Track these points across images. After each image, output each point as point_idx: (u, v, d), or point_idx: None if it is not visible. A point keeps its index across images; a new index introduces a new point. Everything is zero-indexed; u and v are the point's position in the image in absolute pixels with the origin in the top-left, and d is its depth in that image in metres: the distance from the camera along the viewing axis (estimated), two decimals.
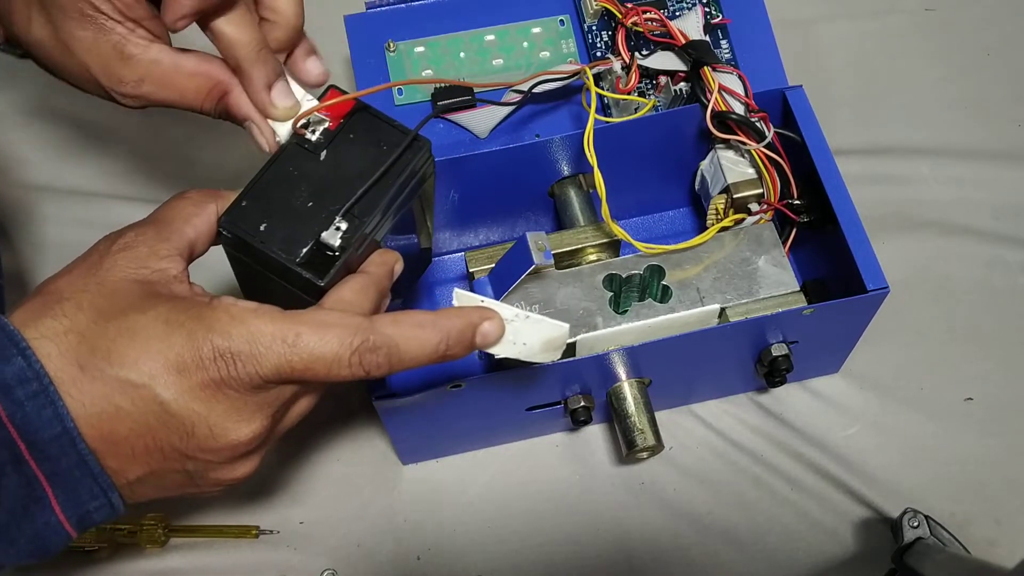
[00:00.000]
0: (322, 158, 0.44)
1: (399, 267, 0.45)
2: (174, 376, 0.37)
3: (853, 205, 0.57)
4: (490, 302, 0.44)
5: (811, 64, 0.77)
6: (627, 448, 0.58)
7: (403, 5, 0.61)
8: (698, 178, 0.63)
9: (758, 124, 0.58)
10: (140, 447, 0.38)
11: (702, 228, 0.61)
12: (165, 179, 0.73)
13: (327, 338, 0.38)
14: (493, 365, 0.55)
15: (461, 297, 0.45)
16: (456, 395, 0.54)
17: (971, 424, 0.65)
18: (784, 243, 0.60)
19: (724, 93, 0.58)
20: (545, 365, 0.49)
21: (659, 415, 0.61)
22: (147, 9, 0.44)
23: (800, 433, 0.65)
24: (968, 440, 0.64)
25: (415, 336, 0.40)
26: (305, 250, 0.41)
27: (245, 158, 0.72)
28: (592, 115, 0.55)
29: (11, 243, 0.70)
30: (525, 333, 0.44)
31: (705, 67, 0.58)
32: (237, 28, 0.44)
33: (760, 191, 0.59)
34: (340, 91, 0.45)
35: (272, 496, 0.63)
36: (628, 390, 0.58)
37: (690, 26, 0.60)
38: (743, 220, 0.60)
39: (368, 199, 0.43)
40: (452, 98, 0.59)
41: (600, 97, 0.58)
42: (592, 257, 0.60)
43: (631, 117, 0.59)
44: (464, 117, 0.60)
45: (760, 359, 0.59)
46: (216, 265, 0.45)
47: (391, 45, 0.61)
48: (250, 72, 0.44)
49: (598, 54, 0.62)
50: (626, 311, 0.57)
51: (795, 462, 0.64)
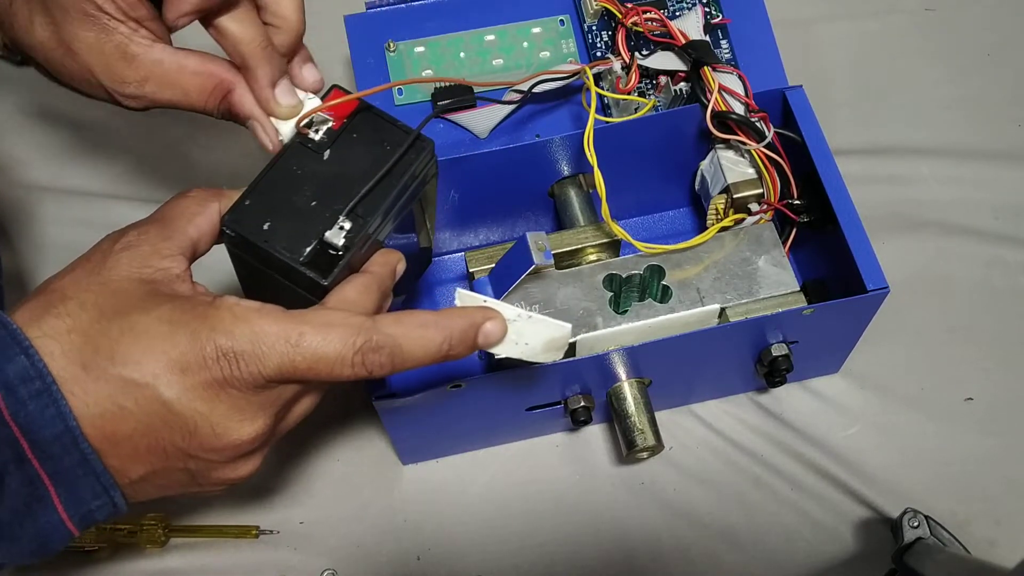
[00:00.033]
0: (326, 157, 0.43)
1: (401, 267, 0.45)
2: (177, 375, 0.37)
3: (853, 205, 0.57)
4: (492, 302, 0.44)
5: (811, 64, 0.77)
6: (627, 448, 0.58)
7: (403, 5, 0.61)
8: (698, 178, 0.63)
9: (758, 124, 0.58)
10: (142, 446, 0.38)
11: (702, 228, 0.61)
12: (165, 179, 0.73)
13: (330, 338, 0.38)
14: (493, 365, 0.55)
15: (464, 297, 0.45)
16: (456, 395, 0.54)
17: (971, 424, 0.65)
18: (784, 243, 0.60)
19: (724, 93, 0.58)
20: (545, 365, 0.49)
21: (659, 415, 0.61)
22: (149, 9, 0.44)
23: (800, 433, 0.65)
24: (968, 440, 0.64)
25: (418, 336, 0.40)
26: (309, 249, 0.41)
27: (245, 158, 0.72)
28: (592, 115, 0.55)
29: (11, 243, 0.70)
30: (527, 333, 0.44)
31: (705, 67, 0.58)
32: (241, 25, 0.44)
33: (760, 191, 0.59)
34: (344, 91, 0.45)
35: (272, 496, 0.63)
36: (628, 390, 0.58)
37: (690, 26, 0.60)
38: (743, 220, 0.60)
39: (372, 198, 0.43)
40: (452, 98, 0.59)
41: (600, 97, 0.58)
42: (592, 257, 0.60)
43: (631, 117, 0.59)
44: (464, 117, 0.60)
45: (760, 359, 0.59)
46: (216, 265, 0.45)
47: (391, 45, 0.61)
48: (255, 68, 0.44)
49: (598, 54, 0.62)
50: (626, 311, 0.57)
51: (795, 462, 0.64)
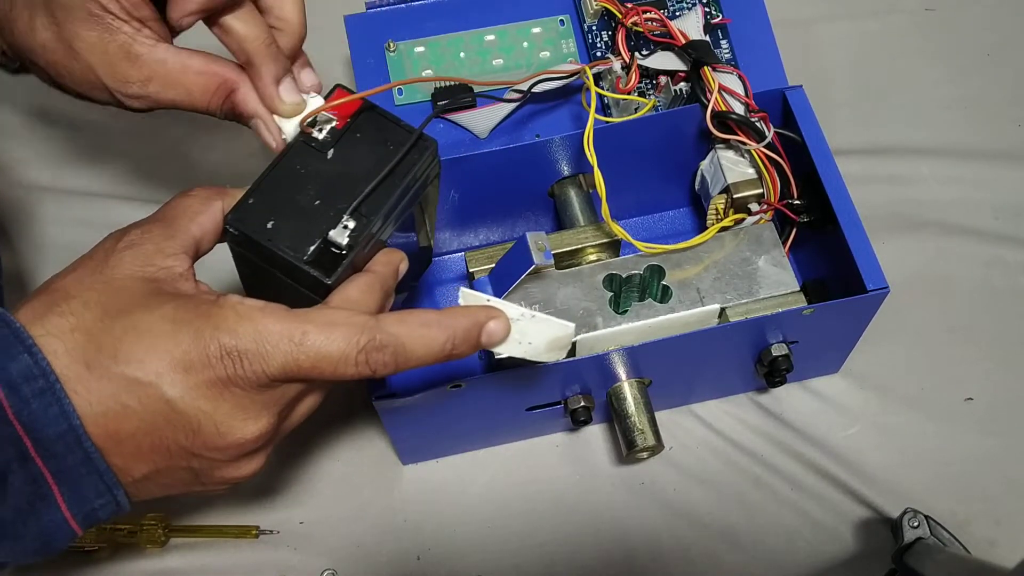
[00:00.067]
0: (329, 156, 0.43)
1: (404, 266, 0.45)
2: (180, 374, 0.37)
3: (853, 205, 0.57)
4: (496, 301, 0.44)
5: (811, 64, 0.77)
6: (627, 448, 0.58)
7: (403, 5, 0.61)
8: (698, 178, 0.63)
9: (758, 124, 0.58)
10: (146, 445, 0.38)
11: (702, 228, 0.61)
12: (165, 179, 0.73)
13: (334, 337, 0.38)
14: (493, 365, 0.55)
15: (467, 296, 0.45)
16: (456, 395, 0.54)
17: (971, 424, 0.65)
18: (784, 243, 0.60)
19: (724, 93, 0.58)
20: (545, 365, 0.49)
21: (659, 415, 0.61)
22: (152, 10, 0.44)
23: (800, 433, 0.65)
24: (968, 440, 0.64)
25: (421, 335, 0.40)
26: (312, 248, 0.41)
27: (245, 158, 0.72)
28: (592, 115, 0.55)
29: (11, 243, 0.70)
30: (531, 332, 0.44)
31: (705, 67, 0.58)
32: (246, 24, 0.44)
33: (760, 191, 0.59)
34: (347, 90, 0.45)
35: (272, 496, 0.63)
36: (628, 390, 0.58)
37: (690, 26, 0.60)
38: (743, 220, 0.60)
39: (375, 198, 0.43)
40: (452, 98, 0.59)
41: (600, 97, 0.58)
42: (592, 257, 0.60)
43: (631, 117, 0.59)
44: (464, 117, 0.60)
45: (760, 359, 0.59)
46: (217, 265, 0.45)
47: (391, 45, 0.61)
48: (260, 66, 0.45)
49: (598, 54, 0.62)
50: (626, 311, 0.57)
51: (795, 462, 0.64)
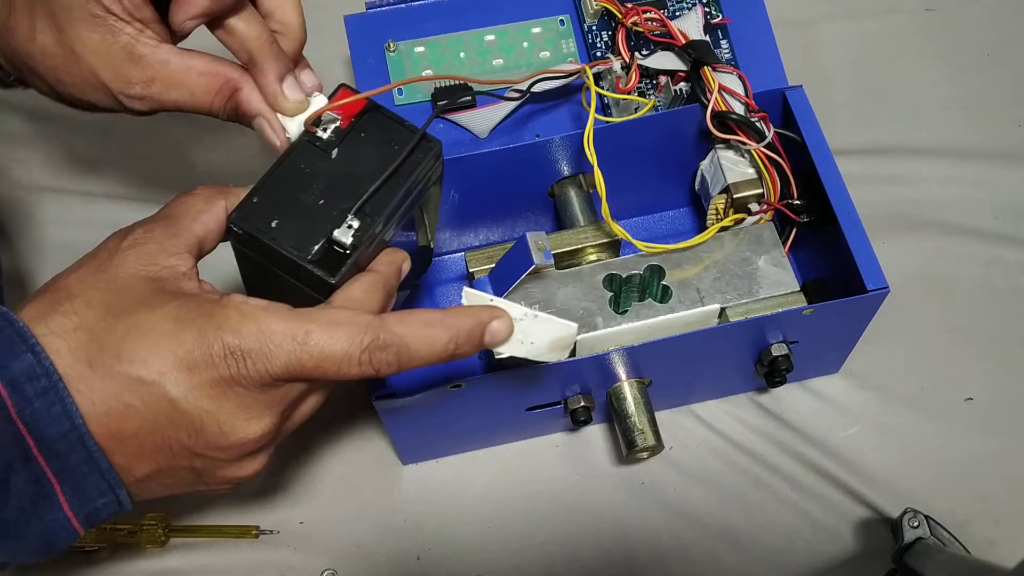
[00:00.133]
0: (333, 156, 0.44)
1: (407, 266, 0.45)
2: (184, 373, 0.37)
3: (853, 205, 0.57)
4: (499, 301, 0.44)
5: (811, 64, 0.77)
6: (627, 448, 0.58)
7: (403, 5, 0.61)
8: (698, 178, 0.63)
9: (758, 124, 0.58)
10: (148, 444, 0.38)
11: (702, 228, 0.61)
12: (165, 179, 0.73)
13: (337, 336, 0.38)
14: (493, 365, 0.55)
15: (470, 296, 0.45)
16: (456, 395, 0.54)
17: (971, 424, 0.65)
18: (784, 243, 0.60)
19: (724, 93, 0.58)
20: (545, 365, 0.49)
21: (659, 415, 0.61)
22: (153, 12, 0.45)
23: (800, 433, 0.65)
24: (968, 440, 0.64)
25: (425, 334, 0.40)
26: (317, 247, 0.41)
27: (246, 159, 0.72)
28: (592, 115, 0.55)
29: (11, 243, 0.70)
30: (533, 332, 0.44)
31: (705, 67, 0.58)
32: (248, 24, 0.45)
33: (760, 191, 0.59)
34: (352, 90, 0.45)
35: (272, 496, 0.63)
36: (628, 390, 0.58)
37: (690, 26, 0.60)
38: (743, 220, 0.60)
39: (379, 198, 0.43)
40: (452, 98, 0.59)
41: (600, 97, 0.58)
42: (592, 257, 0.60)
43: (631, 117, 0.59)
44: (464, 117, 0.60)
45: (760, 359, 0.59)
46: (218, 264, 0.45)
47: (391, 45, 0.61)
48: (263, 64, 0.45)
49: (598, 54, 0.62)
50: (626, 311, 0.57)
51: (795, 462, 0.64)
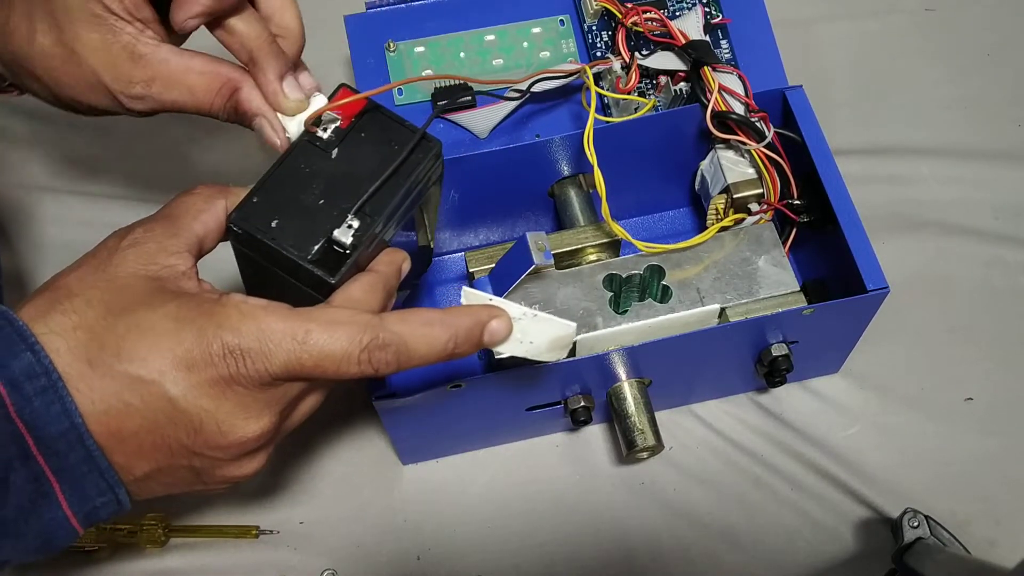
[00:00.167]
0: (333, 156, 0.44)
1: (407, 266, 0.45)
2: (183, 372, 0.37)
3: (853, 205, 0.57)
4: (498, 300, 0.44)
5: (811, 64, 0.77)
6: (627, 448, 0.58)
7: (403, 5, 0.61)
8: (698, 178, 0.63)
9: (758, 124, 0.58)
10: (148, 443, 0.38)
11: (702, 228, 0.61)
12: (165, 179, 0.73)
13: (337, 335, 0.38)
14: (493, 365, 0.55)
15: (469, 295, 0.45)
16: (456, 395, 0.54)
17: (971, 424, 0.65)
18: (784, 243, 0.60)
19: (724, 93, 0.58)
20: (545, 365, 0.49)
21: (659, 415, 0.61)
22: (152, 12, 0.45)
23: (800, 433, 0.65)
24: (968, 440, 0.64)
25: (424, 334, 0.40)
26: (316, 247, 0.41)
27: (245, 159, 0.72)
28: (592, 114, 0.55)
29: (11, 243, 0.70)
30: (532, 332, 0.44)
31: (705, 67, 0.58)
32: (248, 24, 0.45)
33: (760, 191, 0.59)
34: (352, 90, 0.45)
35: (272, 496, 0.63)
36: (628, 390, 0.58)
37: (690, 26, 0.60)
38: (743, 220, 0.59)
39: (379, 197, 0.43)
40: (452, 98, 0.59)
41: (600, 97, 0.58)
42: (592, 257, 0.60)
43: (631, 117, 0.59)
44: (464, 117, 0.60)
45: (760, 359, 0.59)
46: (218, 264, 0.45)
47: (391, 45, 0.61)
48: (264, 63, 0.45)
49: (598, 54, 0.62)
50: (626, 311, 0.57)
51: (795, 462, 0.64)
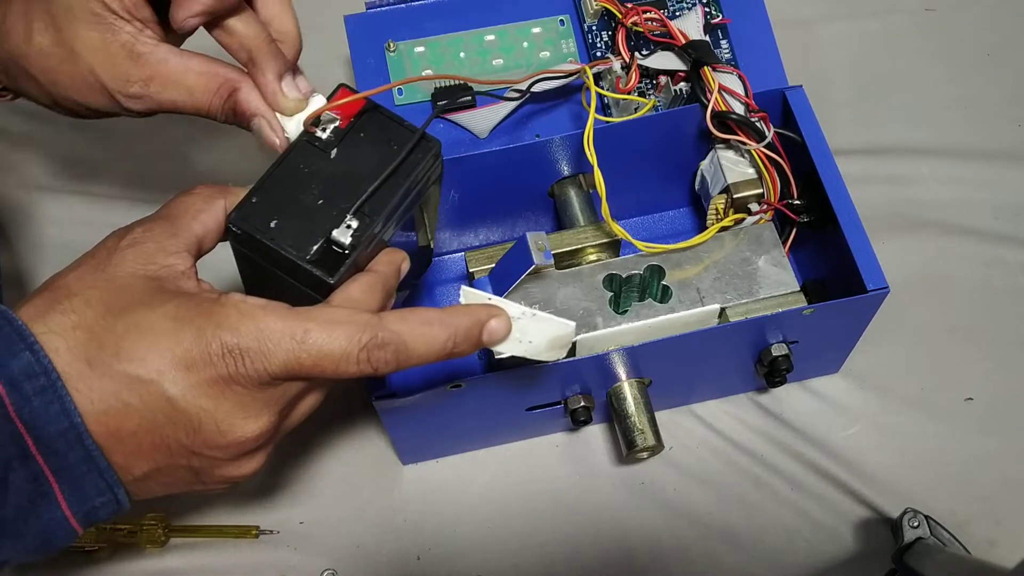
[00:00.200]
0: (332, 156, 0.44)
1: (406, 266, 0.45)
2: (182, 372, 0.37)
3: (853, 205, 0.57)
4: (497, 300, 0.44)
5: (811, 64, 0.77)
6: (627, 448, 0.58)
7: (403, 5, 0.61)
8: (698, 178, 0.63)
9: (758, 124, 0.58)
10: (147, 443, 0.38)
11: (702, 228, 0.61)
12: (165, 179, 0.72)
13: (336, 335, 0.38)
14: (493, 365, 0.55)
15: (468, 295, 0.45)
16: (456, 395, 0.54)
17: (971, 424, 0.65)
18: (784, 243, 0.60)
19: (724, 93, 0.58)
20: (545, 365, 0.49)
21: (659, 415, 0.60)
22: (151, 11, 0.45)
23: (800, 433, 0.65)
24: (968, 440, 0.64)
25: (423, 333, 0.40)
26: (315, 247, 0.41)
27: (244, 159, 0.72)
28: (592, 114, 0.55)
29: (11, 243, 0.70)
30: (531, 331, 0.44)
31: (705, 67, 0.58)
32: (247, 25, 0.45)
33: (760, 191, 0.59)
34: (351, 90, 0.45)
35: (272, 496, 0.63)
36: (628, 390, 0.58)
37: (690, 26, 0.60)
38: (743, 220, 0.59)
39: (378, 197, 0.43)
40: (452, 98, 0.59)
41: (600, 97, 0.58)
42: (592, 257, 0.60)
43: (631, 117, 0.59)
44: (464, 117, 0.60)
45: (760, 359, 0.59)
46: (218, 264, 0.45)
47: (391, 45, 0.61)
48: (263, 63, 0.45)
49: (598, 54, 0.62)
50: (626, 311, 0.57)
51: (795, 462, 0.64)
